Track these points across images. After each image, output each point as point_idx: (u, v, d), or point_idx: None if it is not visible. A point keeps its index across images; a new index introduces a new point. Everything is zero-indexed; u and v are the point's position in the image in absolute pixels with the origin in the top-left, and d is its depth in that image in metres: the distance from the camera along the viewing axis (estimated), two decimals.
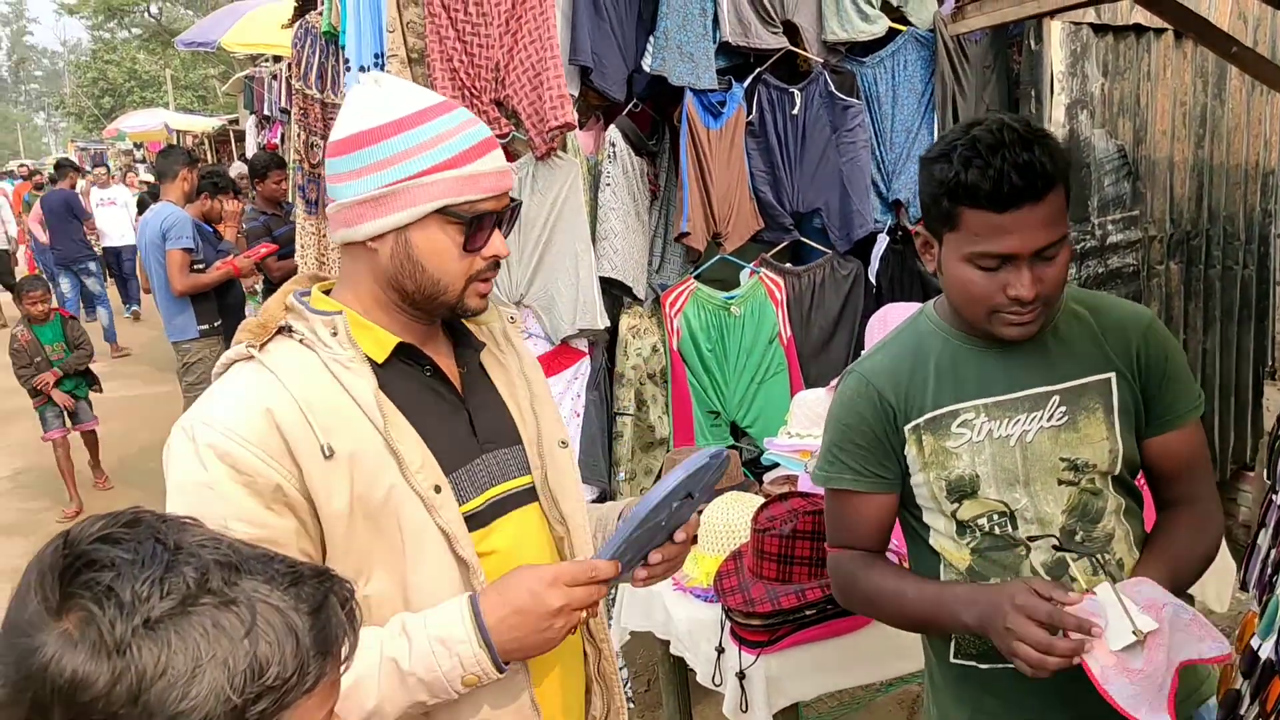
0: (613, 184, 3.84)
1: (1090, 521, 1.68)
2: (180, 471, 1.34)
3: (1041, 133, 1.54)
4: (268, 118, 9.14)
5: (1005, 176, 1.48)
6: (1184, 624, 1.50)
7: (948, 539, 1.73)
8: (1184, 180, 4.49)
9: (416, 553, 1.39)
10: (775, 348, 4.16)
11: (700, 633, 2.64)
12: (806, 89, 4.09)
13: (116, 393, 9.70)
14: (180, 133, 17.92)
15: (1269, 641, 1.50)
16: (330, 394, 1.38)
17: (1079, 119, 4.10)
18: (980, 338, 1.68)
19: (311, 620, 0.86)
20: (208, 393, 1.41)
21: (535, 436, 1.58)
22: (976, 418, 1.68)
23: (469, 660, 1.34)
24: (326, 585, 0.90)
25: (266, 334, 1.42)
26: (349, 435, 1.36)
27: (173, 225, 5.67)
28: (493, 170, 1.43)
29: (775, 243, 4.24)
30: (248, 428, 1.33)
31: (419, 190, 1.39)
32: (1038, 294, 1.54)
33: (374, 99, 1.41)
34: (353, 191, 1.41)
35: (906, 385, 1.72)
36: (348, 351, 1.40)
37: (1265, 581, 1.59)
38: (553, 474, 1.59)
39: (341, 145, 1.42)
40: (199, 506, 1.27)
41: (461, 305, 1.48)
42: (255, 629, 0.82)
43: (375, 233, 1.41)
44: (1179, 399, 1.70)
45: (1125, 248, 4.32)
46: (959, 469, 1.68)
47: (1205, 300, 4.63)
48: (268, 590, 0.85)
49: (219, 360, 1.45)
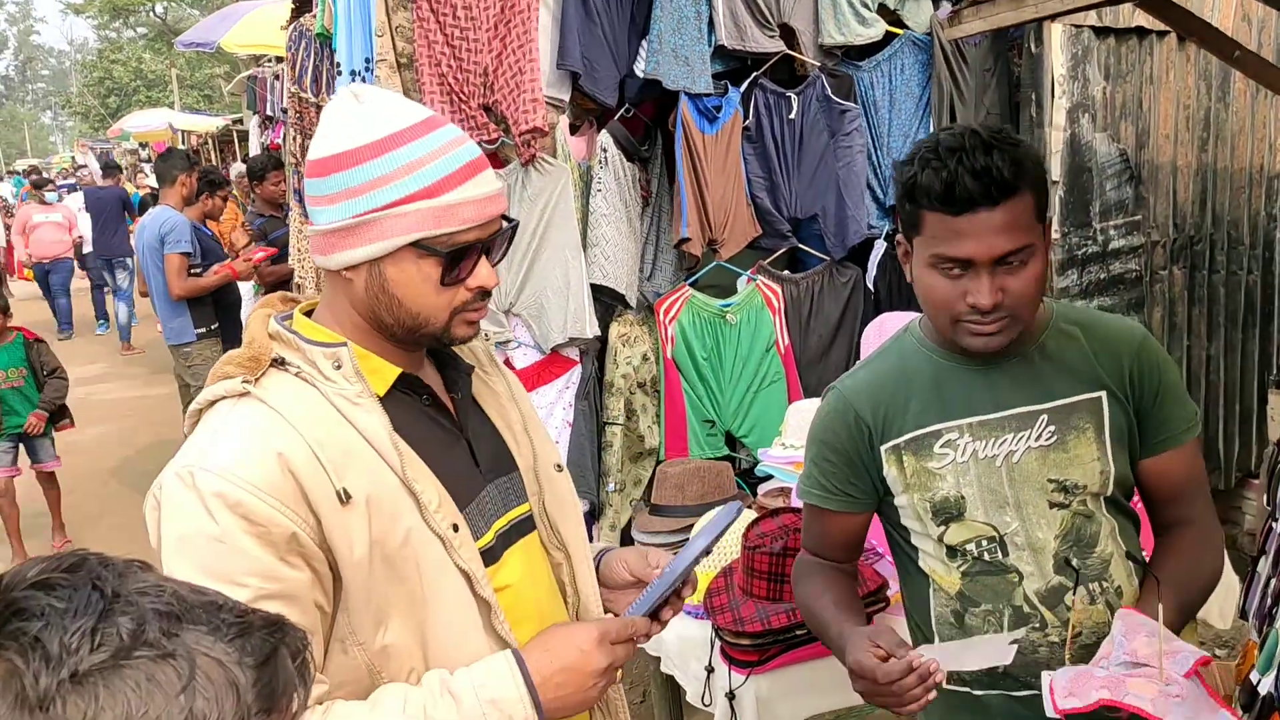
0: (604, 190, 3.79)
1: (1085, 546, 1.63)
2: (181, 523, 1.23)
3: (1010, 140, 1.50)
4: (270, 118, 9.11)
5: (959, 179, 1.46)
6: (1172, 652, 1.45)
7: (937, 561, 1.69)
8: (1187, 184, 4.43)
9: (435, 596, 1.32)
10: (772, 356, 4.10)
11: (690, 651, 2.59)
12: (803, 93, 4.04)
13: (115, 394, 9.69)
14: (184, 133, 17.89)
15: (1268, 677, 1.46)
16: (339, 433, 1.29)
17: (1080, 123, 4.04)
18: (965, 355, 1.64)
19: (257, 674, 0.82)
20: (204, 434, 1.30)
21: (531, 461, 1.52)
22: (960, 438, 1.64)
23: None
24: (277, 636, 0.85)
25: (260, 367, 1.32)
26: (364, 477, 1.28)
27: (171, 229, 5.65)
28: (475, 198, 1.31)
29: (773, 249, 4.19)
30: (258, 473, 1.23)
31: (390, 222, 1.29)
32: (997, 303, 1.51)
33: (350, 117, 1.32)
34: (325, 218, 1.32)
35: (887, 405, 1.68)
36: (354, 386, 1.32)
37: (1265, 612, 1.54)
38: (550, 499, 1.53)
39: (315, 167, 1.33)
40: (208, 562, 1.21)
41: (448, 335, 1.38)
42: (193, 684, 0.78)
43: (348, 263, 1.32)
44: (1174, 419, 1.65)
45: (1127, 253, 4.26)
46: (943, 490, 1.64)
47: (1209, 306, 4.57)
48: (210, 642, 0.81)
49: (202, 395, 1.34)
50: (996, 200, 1.47)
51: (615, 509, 3.92)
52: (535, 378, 3.86)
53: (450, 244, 1.31)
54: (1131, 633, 1.48)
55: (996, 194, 1.46)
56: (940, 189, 1.48)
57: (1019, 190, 1.48)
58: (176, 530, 1.24)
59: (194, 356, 5.65)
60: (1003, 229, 1.48)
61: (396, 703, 1.27)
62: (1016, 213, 1.48)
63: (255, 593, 1.21)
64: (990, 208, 1.47)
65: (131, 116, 21.76)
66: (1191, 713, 1.39)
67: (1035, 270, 1.52)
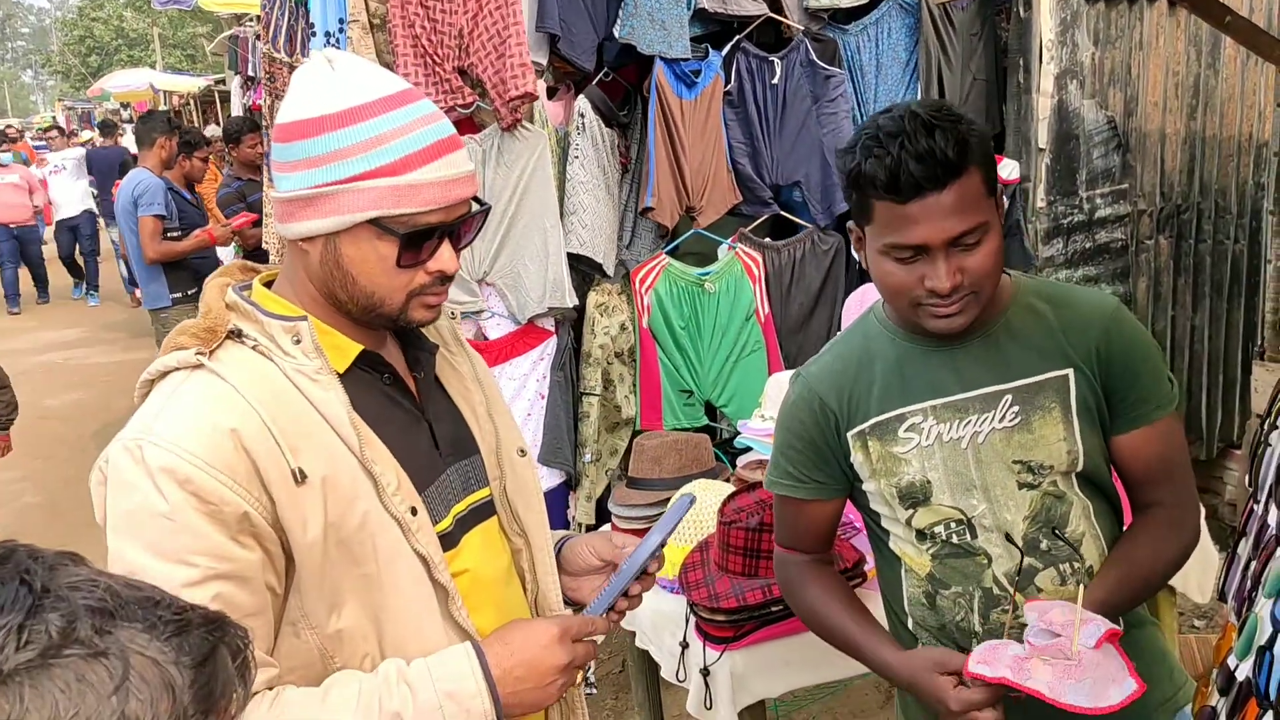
0: (581, 156, 3.72)
1: (1057, 527, 1.59)
2: (128, 499, 1.19)
3: (951, 117, 1.45)
4: (252, 79, 8.98)
5: (902, 165, 1.42)
6: (1081, 621, 1.47)
7: (907, 544, 1.66)
8: (1175, 153, 4.38)
9: (392, 581, 1.29)
10: (752, 325, 4.05)
11: (665, 626, 2.56)
12: (787, 57, 3.96)
13: (93, 359, 9.61)
14: (166, 93, 17.64)
15: (1246, 662, 1.42)
16: (296, 410, 1.25)
17: (1068, 89, 3.97)
18: (927, 336, 1.60)
19: (194, 674, 0.78)
20: (153, 406, 1.24)
21: (494, 445, 1.48)
22: (924, 421, 1.60)
23: (477, 716, 1.25)
24: (216, 635, 0.82)
25: (216, 339, 1.27)
26: (320, 457, 1.24)
27: (145, 191, 5.56)
28: (440, 179, 1.26)
29: (754, 217, 4.13)
30: (210, 450, 1.18)
31: (348, 197, 1.23)
32: (956, 285, 1.47)
33: (320, 83, 1.26)
34: (286, 185, 1.27)
35: (850, 390, 1.65)
36: (314, 362, 1.27)
37: (1245, 595, 1.51)
38: (512, 484, 1.49)
39: (280, 131, 1.28)
40: (155, 539, 1.17)
41: (405, 318, 1.33)
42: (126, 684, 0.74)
43: (305, 234, 1.27)
44: (1147, 394, 1.59)
45: (1114, 222, 4.21)
46: (909, 475, 1.61)
47: (1195, 276, 4.54)
48: (146, 640, 0.77)
49: (153, 366, 1.29)
50: (944, 183, 1.43)
51: (592, 480, 3.88)
52: (509, 349, 3.80)
53: (410, 225, 1.26)
54: (1050, 605, 1.50)
55: (943, 176, 1.42)
56: (885, 177, 1.44)
57: (965, 169, 1.44)
58: (123, 506, 1.19)
59: (170, 322, 5.57)
60: (953, 211, 1.44)
61: (350, 691, 1.23)
62: (965, 192, 1.44)
63: (204, 572, 1.17)
64: (938, 191, 1.43)
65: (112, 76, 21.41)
66: (1094, 687, 1.40)
67: (991, 246, 1.49)
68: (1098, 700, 1.41)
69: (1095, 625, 1.45)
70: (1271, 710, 1.31)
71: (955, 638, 1.62)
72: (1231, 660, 1.48)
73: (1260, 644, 1.37)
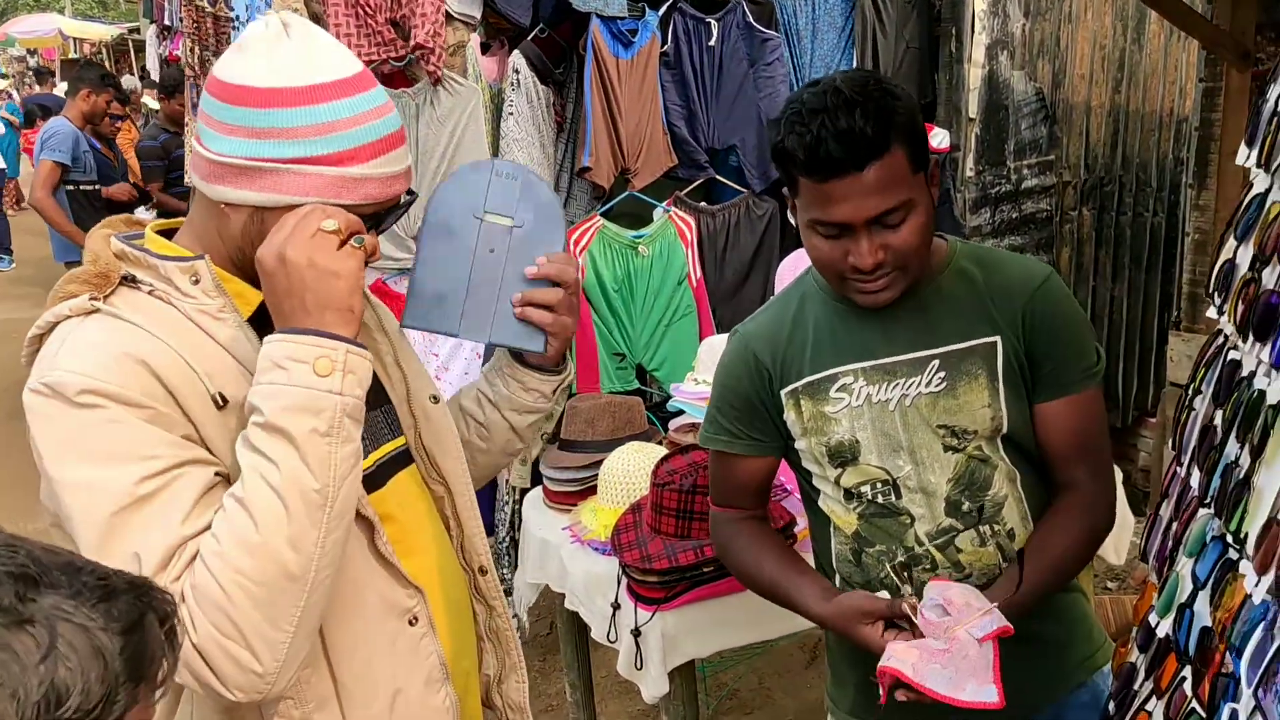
0: (516, 113, 3.66)
1: (978, 490, 1.62)
2: (57, 428, 1.13)
3: (876, 93, 1.43)
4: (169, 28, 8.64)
5: (821, 144, 1.40)
6: (975, 609, 1.47)
7: (836, 503, 1.68)
8: (1100, 125, 4.47)
9: None
10: (684, 289, 4.05)
11: (596, 588, 2.56)
12: (724, 19, 3.94)
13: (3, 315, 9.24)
14: (76, 40, 16.94)
15: (1166, 620, 1.46)
16: (204, 347, 1.20)
17: (999, 60, 4.02)
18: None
19: (124, 641, 0.76)
20: (51, 349, 1.17)
21: (404, 394, 1.46)
22: (855, 382, 1.61)
23: (300, 352, 1.15)
24: (145, 601, 0.79)
25: (110, 284, 1.21)
26: (236, 387, 1.20)
27: (52, 136, 5.36)
28: (382, 175, 1.23)
29: (689, 180, 4.11)
30: (123, 378, 1.12)
31: (289, 178, 1.19)
32: (879, 262, 1.47)
33: (273, 49, 1.20)
34: (217, 146, 1.20)
35: (785, 349, 1.66)
36: (215, 300, 1.22)
37: (1165, 555, 1.55)
38: (426, 432, 1.47)
39: (221, 89, 1.20)
40: (107, 446, 1.11)
41: None
42: (54, 652, 0.72)
43: (230, 200, 1.22)
44: (1070, 364, 1.60)
45: (1039, 193, 4.29)
46: (838, 434, 1.62)
47: (1116, 247, 4.65)
48: (72, 607, 0.74)
49: (42, 318, 1.21)
50: (863, 163, 1.41)
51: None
52: None
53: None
54: (953, 586, 1.50)
55: (862, 156, 1.41)
56: (804, 155, 1.42)
57: (888, 148, 1.42)
58: (54, 436, 1.13)
59: None
60: (874, 190, 1.43)
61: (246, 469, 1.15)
62: (888, 171, 1.43)
63: (170, 460, 1.13)
64: (858, 171, 1.41)
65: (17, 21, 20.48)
66: (958, 677, 1.41)
67: (917, 222, 1.48)
68: (953, 690, 1.41)
69: (991, 620, 1.45)
70: (1190, 665, 1.35)
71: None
72: (1152, 618, 1.52)
73: (1180, 602, 1.41)
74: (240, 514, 1.13)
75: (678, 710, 2.51)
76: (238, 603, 1.11)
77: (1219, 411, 1.41)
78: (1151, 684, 1.48)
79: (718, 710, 3.59)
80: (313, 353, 1.16)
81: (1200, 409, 1.52)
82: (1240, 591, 1.23)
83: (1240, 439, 1.31)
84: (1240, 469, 1.30)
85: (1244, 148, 1.50)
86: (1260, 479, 1.24)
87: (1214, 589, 1.31)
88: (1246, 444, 1.29)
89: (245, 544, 1.12)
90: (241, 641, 1.12)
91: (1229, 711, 1.19)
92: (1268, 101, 1.43)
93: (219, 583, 1.11)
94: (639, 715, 3.55)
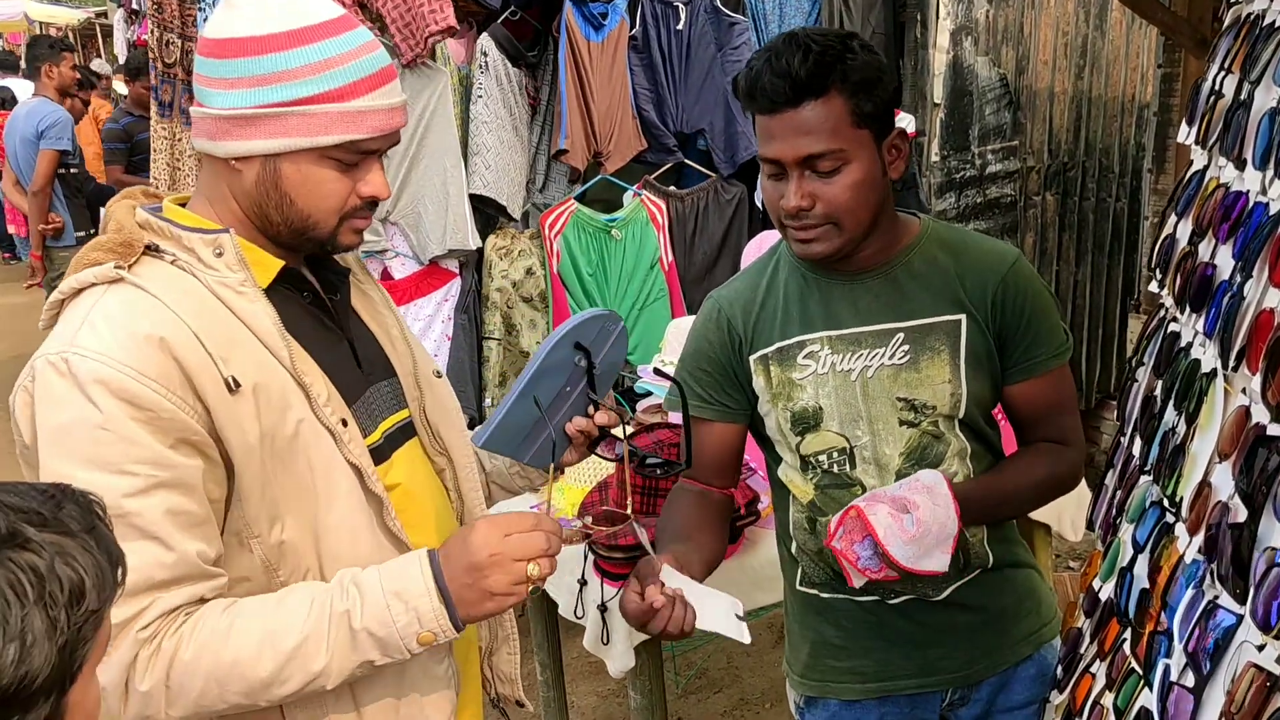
0: (485, 96, 3.67)
1: (930, 464, 1.65)
2: (60, 413, 1.16)
3: (834, 43, 1.49)
4: (136, 11, 8.54)
5: (760, 76, 1.48)
6: (943, 498, 1.53)
7: (794, 471, 1.71)
8: (1063, 111, 4.52)
9: (327, 491, 1.29)
10: (656, 273, 4.08)
11: (563, 564, 2.54)
12: (691, 3, 3.96)
13: None
14: (42, 24, 16.71)
15: (1109, 583, 1.51)
16: (224, 321, 1.24)
17: (963, 45, 4.06)
18: (829, 269, 1.64)
19: (93, 539, 0.82)
20: (74, 320, 1.21)
21: (411, 367, 1.50)
22: (821, 350, 1.64)
23: (427, 615, 1.24)
24: (84, 502, 0.85)
25: (133, 253, 1.24)
26: (250, 367, 1.23)
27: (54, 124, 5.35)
28: (384, 107, 1.28)
29: (659, 164, 4.13)
30: (140, 359, 1.16)
31: (297, 120, 1.23)
32: (803, 208, 1.51)
33: (260, 2, 1.24)
34: (221, 102, 1.24)
35: (757, 314, 1.69)
36: (237, 274, 1.26)
37: (1110, 522, 1.60)
38: (431, 404, 1.50)
39: (216, 47, 1.24)
40: (92, 452, 1.15)
41: (333, 243, 1.34)
42: (60, 557, 0.78)
43: (241, 154, 1.26)
44: (1039, 345, 1.64)
45: (1004, 178, 4.34)
46: (803, 400, 1.66)
47: (1079, 232, 4.71)
48: (41, 523, 0.79)
49: (65, 284, 1.25)
50: (798, 100, 1.47)
51: None
52: (414, 289, 3.76)
53: (352, 150, 1.27)
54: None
55: (796, 94, 1.47)
56: (745, 87, 1.50)
57: (825, 92, 1.47)
58: (54, 421, 1.17)
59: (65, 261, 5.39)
60: (805, 130, 1.48)
61: (303, 595, 1.24)
62: (823, 115, 1.48)
63: (146, 481, 1.16)
64: (793, 107, 1.47)
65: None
66: (918, 551, 1.49)
67: (851, 178, 1.51)
68: (912, 563, 1.49)
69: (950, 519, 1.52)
70: (1130, 627, 1.40)
71: (830, 561, 1.66)
72: (1096, 582, 1.57)
73: (1121, 566, 1.46)
74: (252, 639, 1.21)
75: (644, 685, 2.54)
76: (197, 690, 1.20)
77: (1159, 381, 1.46)
78: (1096, 647, 1.52)
79: (686, 689, 3.63)
80: (432, 625, 1.24)
81: (1143, 380, 1.56)
82: (1175, 554, 1.28)
83: (1178, 407, 1.36)
84: (1177, 436, 1.34)
85: (1185, 126, 1.55)
86: (1194, 445, 1.28)
87: (1152, 552, 1.36)
88: (1183, 412, 1.33)
89: (237, 668, 1.20)
90: (170, 704, 1.20)
91: (1163, 667, 1.23)
92: (1206, 80, 1.47)
93: (199, 673, 1.20)
94: (608, 695, 3.59)
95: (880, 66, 1.54)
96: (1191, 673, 1.16)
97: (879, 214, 1.58)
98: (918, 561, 1.49)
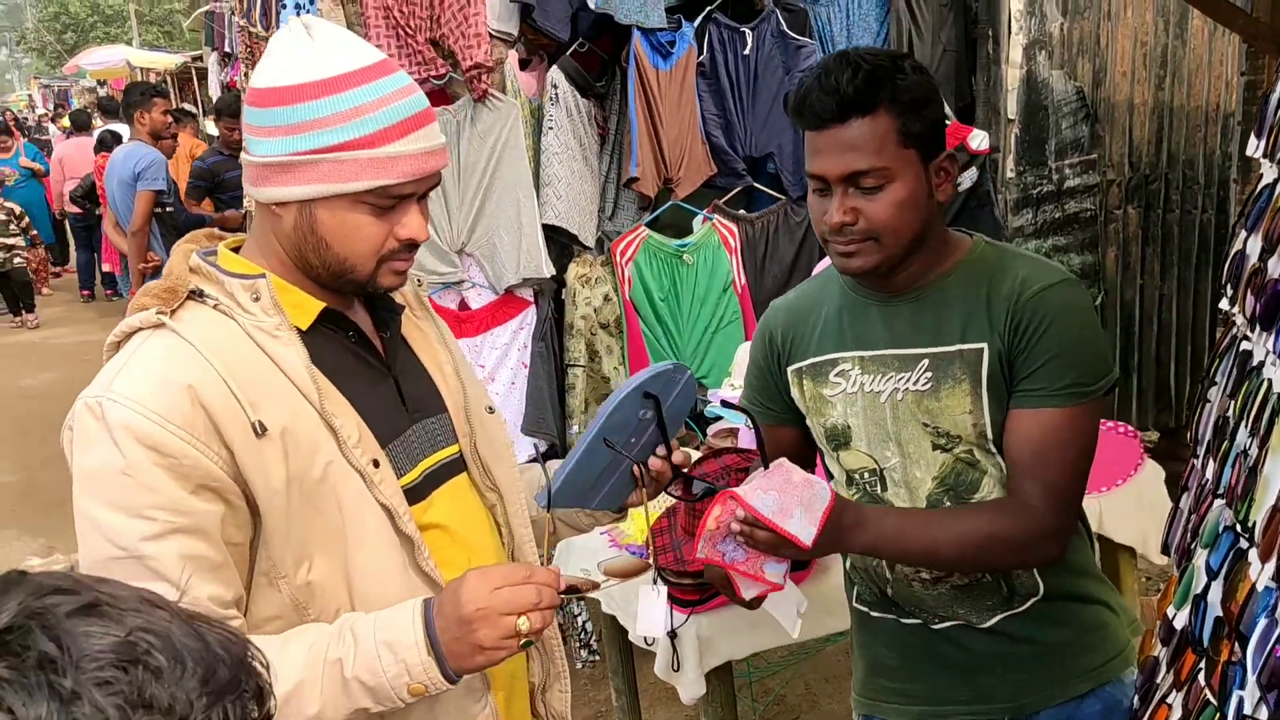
0: (555, 127, 3.73)
1: (964, 492, 1.60)
2: (89, 457, 1.23)
3: (885, 62, 1.49)
4: (229, 55, 8.90)
5: (810, 93, 1.49)
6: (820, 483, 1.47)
7: (841, 487, 1.71)
8: (1143, 123, 4.41)
9: (357, 532, 1.31)
10: (729, 296, 4.08)
11: (632, 591, 2.59)
12: (758, 28, 3.98)
13: (71, 339, 9.55)
14: (143, 70, 17.45)
15: (1184, 611, 1.46)
16: (256, 365, 1.28)
17: (1037, 60, 4.00)
18: (869, 289, 1.64)
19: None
20: (115, 365, 1.28)
21: (462, 403, 1.51)
22: (852, 369, 1.65)
23: (415, 667, 1.24)
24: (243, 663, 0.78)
25: (177, 299, 1.30)
26: (280, 410, 1.27)
27: (149, 166, 5.58)
28: (417, 152, 1.30)
29: (728, 189, 4.15)
30: (167, 406, 1.21)
31: (328, 167, 1.27)
32: (845, 224, 1.51)
33: (298, 50, 1.28)
34: (261, 150, 1.29)
35: (798, 328, 1.71)
36: (272, 319, 1.30)
37: (1184, 547, 1.55)
38: (482, 440, 1.52)
39: (257, 96, 1.30)
40: (115, 496, 1.20)
41: (373, 284, 1.36)
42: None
43: (279, 199, 1.30)
44: (1047, 376, 1.51)
45: (1083, 192, 4.25)
46: (833, 417, 1.66)
47: (1163, 245, 4.58)
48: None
49: (119, 327, 1.32)
50: (844, 117, 1.47)
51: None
52: (490, 318, 3.83)
53: (385, 195, 1.30)
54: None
55: (843, 110, 1.47)
56: (795, 103, 1.52)
57: (873, 110, 1.47)
58: (86, 463, 1.23)
59: None
60: (850, 146, 1.48)
61: (304, 642, 1.27)
62: (869, 132, 1.48)
63: (163, 526, 1.21)
64: (840, 124, 1.48)
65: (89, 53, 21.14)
66: (779, 503, 1.41)
67: (894, 196, 1.50)
68: (778, 518, 1.41)
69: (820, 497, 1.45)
70: (1205, 657, 1.35)
71: (874, 580, 1.69)
72: (1170, 610, 1.53)
73: (1196, 593, 1.42)
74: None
75: (716, 713, 2.54)
76: None
77: (1231, 402, 1.42)
78: (1172, 676, 1.48)
79: (764, 716, 3.60)
80: (420, 678, 1.25)
81: (1215, 400, 1.52)
82: (1248, 581, 1.24)
83: (1250, 428, 1.32)
84: (1249, 458, 1.30)
85: (1253, 139, 1.50)
86: (1267, 467, 1.24)
87: (1226, 579, 1.31)
88: (1256, 433, 1.29)
89: None
90: None
91: (1237, 699, 1.19)
92: (1275, 91, 1.43)
93: None
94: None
95: (930, 87, 1.53)
96: (1265, 708, 1.11)
97: (923, 234, 1.56)
98: (778, 517, 1.40)
